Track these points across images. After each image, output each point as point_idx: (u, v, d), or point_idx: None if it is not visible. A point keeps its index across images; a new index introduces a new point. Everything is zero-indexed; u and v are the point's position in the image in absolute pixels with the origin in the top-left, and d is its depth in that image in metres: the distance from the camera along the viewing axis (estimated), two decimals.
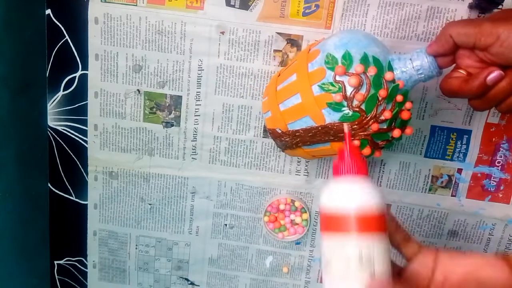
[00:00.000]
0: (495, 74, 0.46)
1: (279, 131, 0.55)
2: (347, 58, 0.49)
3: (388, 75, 0.50)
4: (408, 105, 0.51)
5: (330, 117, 0.51)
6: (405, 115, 0.51)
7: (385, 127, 0.51)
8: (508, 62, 0.46)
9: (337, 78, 0.50)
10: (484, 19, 0.47)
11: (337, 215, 0.42)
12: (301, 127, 0.53)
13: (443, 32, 0.49)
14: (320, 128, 0.52)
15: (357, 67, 0.49)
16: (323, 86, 0.50)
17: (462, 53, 0.49)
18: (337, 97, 0.49)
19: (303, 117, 0.52)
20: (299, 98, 0.52)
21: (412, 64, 0.50)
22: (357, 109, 0.49)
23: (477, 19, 0.48)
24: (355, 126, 0.50)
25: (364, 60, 0.49)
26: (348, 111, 0.50)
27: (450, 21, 0.54)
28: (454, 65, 0.51)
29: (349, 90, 0.49)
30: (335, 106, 0.50)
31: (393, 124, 0.51)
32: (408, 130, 0.53)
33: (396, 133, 0.51)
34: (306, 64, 0.52)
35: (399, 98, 0.50)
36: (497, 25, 0.45)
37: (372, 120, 0.50)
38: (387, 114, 0.50)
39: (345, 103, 0.50)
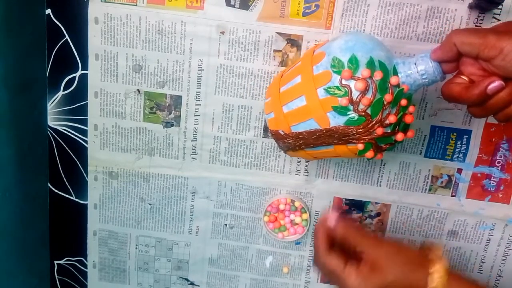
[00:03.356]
0: (495, 84, 0.46)
1: (282, 133, 0.55)
2: (354, 62, 0.49)
3: (393, 80, 0.50)
4: (411, 109, 0.51)
5: (335, 121, 0.51)
6: (408, 119, 0.51)
7: (389, 131, 0.51)
8: (509, 74, 0.46)
9: (343, 82, 0.50)
10: (489, 30, 0.47)
11: None
12: (305, 130, 0.53)
13: (448, 40, 0.49)
14: (324, 131, 0.52)
15: (363, 71, 0.49)
16: (329, 89, 0.50)
17: (465, 60, 0.49)
18: (343, 101, 0.49)
19: (307, 120, 0.52)
20: (304, 101, 0.52)
21: (416, 69, 0.50)
22: (363, 113, 0.50)
23: (482, 29, 0.48)
24: (360, 130, 0.50)
25: (370, 64, 0.49)
26: (353, 115, 0.50)
27: (455, 29, 0.54)
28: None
29: (355, 94, 0.49)
30: (341, 110, 0.50)
31: (397, 128, 0.51)
32: (409, 133, 0.53)
33: (400, 136, 0.52)
34: (311, 67, 0.52)
35: (404, 102, 0.50)
36: (501, 39, 0.45)
37: (377, 125, 0.50)
38: (392, 119, 0.50)
39: (351, 107, 0.50)
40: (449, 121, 0.66)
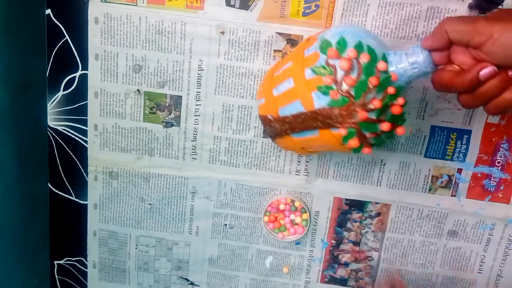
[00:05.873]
0: (488, 69, 0.46)
1: (270, 117, 0.55)
2: (342, 43, 0.50)
3: (381, 65, 0.49)
4: (400, 100, 0.51)
5: (319, 102, 0.50)
6: (395, 109, 0.50)
7: (373, 117, 0.50)
8: (499, 61, 0.46)
9: (330, 61, 0.50)
10: (480, 18, 0.47)
11: None
12: (291, 113, 0.53)
13: (439, 27, 0.49)
14: (309, 113, 0.51)
15: (349, 52, 0.49)
16: (315, 69, 0.50)
17: (456, 48, 0.49)
18: (327, 80, 0.49)
19: (294, 102, 0.52)
20: (292, 83, 0.52)
21: (407, 59, 0.50)
22: (346, 94, 0.49)
23: (474, 17, 0.47)
24: (343, 112, 0.50)
25: (358, 47, 0.49)
26: (336, 95, 0.50)
27: (447, 17, 0.54)
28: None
29: (340, 74, 0.49)
30: (325, 90, 0.50)
31: (382, 116, 0.51)
32: (400, 130, 0.52)
33: (385, 126, 0.50)
34: (303, 51, 0.53)
35: (391, 90, 0.50)
36: (491, 24, 0.45)
37: (360, 107, 0.49)
38: (376, 103, 0.49)
39: (334, 87, 0.49)
40: (449, 121, 0.66)
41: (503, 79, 0.46)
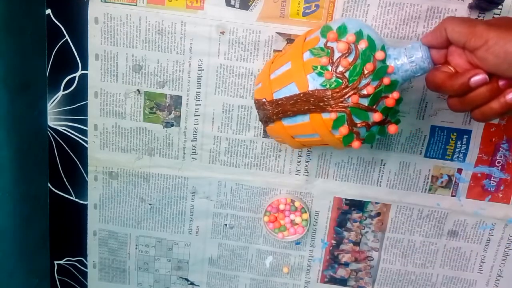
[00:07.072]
0: (479, 77, 0.46)
1: (264, 101, 0.55)
2: (342, 28, 0.50)
3: (379, 54, 0.50)
4: (395, 94, 0.51)
5: (314, 84, 0.51)
6: (389, 101, 0.51)
7: (365, 104, 0.50)
8: (491, 69, 0.46)
9: (329, 44, 0.50)
10: (480, 22, 0.47)
11: None
12: (284, 96, 0.53)
13: (440, 25, 0.49)
14: (301, 95, 0.51)
15: (349, 36, 0.50)
16: (313, 50, 0.51)
17: (454, 50, 0.49)
18: (323, 60, 0.50)
19: (289, 84, 0.52)
20: (290, 65, 0.53)
21: (405, 53, 0.50)
22: (340, 76, 0.49)
23: (474, 20, 0.48)
24: (335, 94, 0.50)
25: (358, 34, 0.50)
26: (331, 75, 0.50)
27: (450, 16, 0.54)
28: None
29: (337, 56, 0.50)
30: (320, 71, 0.50)
31: (375, 106, 0.51)
32: (392, 128, 0.52)
33: (377, 116, 0.50)
34: (304, 38, 0.54)
35: (386, 80, 0.50)
36: (489, 30, 0.45)
37: (353, 91, 0.49)
38: (369, 89, 0.49)
39: (329, 68, 0.50)
40: (449, 121, 0.66)
41: (493, 88, 0.46)
